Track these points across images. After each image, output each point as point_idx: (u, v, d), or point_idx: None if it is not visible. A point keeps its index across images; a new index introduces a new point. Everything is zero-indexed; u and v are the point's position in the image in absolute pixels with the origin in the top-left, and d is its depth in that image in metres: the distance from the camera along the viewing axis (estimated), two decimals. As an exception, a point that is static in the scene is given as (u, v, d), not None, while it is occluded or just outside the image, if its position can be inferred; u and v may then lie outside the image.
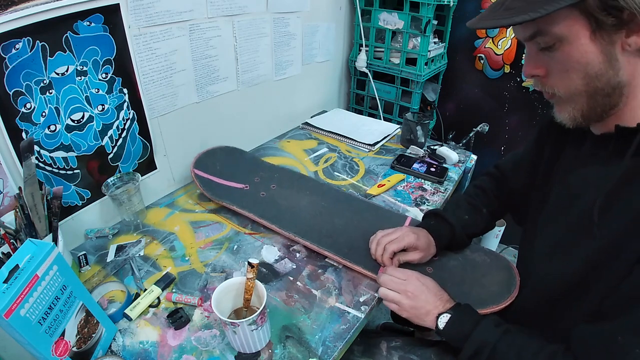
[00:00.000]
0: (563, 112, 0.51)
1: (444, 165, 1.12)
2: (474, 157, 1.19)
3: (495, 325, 0.58)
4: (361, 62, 1.45)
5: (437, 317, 0.62)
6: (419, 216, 0.91)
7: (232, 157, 1.01)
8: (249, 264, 0.57)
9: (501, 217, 0.84)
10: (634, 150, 0.47)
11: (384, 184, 1.01)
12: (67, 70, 0.69)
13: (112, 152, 0.82)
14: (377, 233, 0.76)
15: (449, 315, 0.61)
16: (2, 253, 0.60)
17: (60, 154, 0.73)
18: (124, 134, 0.83)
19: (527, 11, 0.43)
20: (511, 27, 0.49)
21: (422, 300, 0.64)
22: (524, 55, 0.58)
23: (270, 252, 0.80)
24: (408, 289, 0.65)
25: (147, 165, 0.91)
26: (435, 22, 1.39)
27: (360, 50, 1.45)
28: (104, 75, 0.75)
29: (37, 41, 0.63)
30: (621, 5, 0.41)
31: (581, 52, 0.44)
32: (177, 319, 0.64)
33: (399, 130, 1.31)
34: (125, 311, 0.64)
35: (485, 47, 1.52)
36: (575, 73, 0.46)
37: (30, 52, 0.63)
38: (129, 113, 0.82)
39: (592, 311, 0.51)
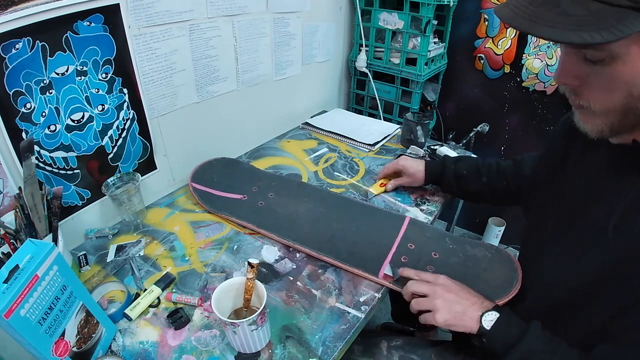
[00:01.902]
0: (589, 124, 0.49)
1: (444, 165, 1.12)
2: (474, 157, 1.19)
3: (540, 332, 0.56)
4: (361, 62, 1.45)
5: (481, 317, 0.58)
6: (419, 216, 0.91)
7: (229, 169, 1.02)
8: (249, 264, 0.57)
9: (506, 201, 0.88)
10: None
11: (386, 184, 1.01)
12: (67, 70, 0.69)
13: (112, 152, 0.82)
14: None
15: (496, 315, 0.58)
16: (2, 253, 0.60)
17: (60, 154, 0.73)
18: (124, 134, 0.83)
19: (598, 29, 0.37)
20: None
21: (457, 299, 0.61)
22: (558, 59, 0.51)
23: (270, 252, 0.80)
24: (438, 292, 0.62)
25: (147, 165, 0.91)
26: (435, 22, 1.39)
27: (360, 50, 1.45)
28: (104, 75, 0.75)
29: (37, 41, 0.63)
30: None
31: (633, 73, 0.41)
32: (177, 319, 0.64)
33: (399, 130, 1.31)
34: (125, 311, 0.64)
35: (485, 47, 1.52)
36: (618, 92, 0.43)
37: (30, 52, 0.63)
38: (129, 113, 0.82)
39: (601, 325, 0.51)
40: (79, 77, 0.71)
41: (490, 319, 0.57)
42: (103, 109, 0.77)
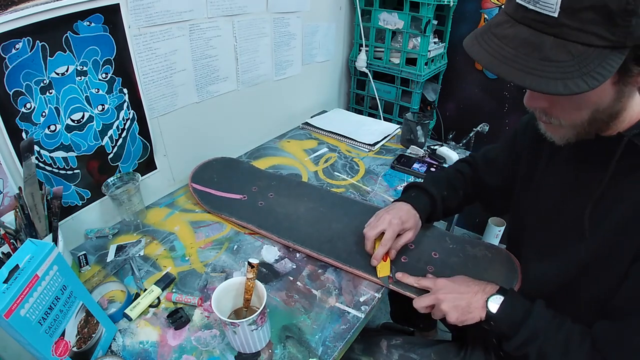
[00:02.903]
0: (557, 134, 0.51)
1: (444, 165, 1.12)
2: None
3: (545, 310, 0.57)
4: (361, 62, 1.45)
5: (486, 302, 0.59)
6: (419, 216, 0.90)
7: (229, 169, 1.02)
8: (249, 264, 0.57)
9: (471, 204, 0.86)
10: (618, 156, 0.48)
11: (387, 257, 0.98)
12: (67, 70, 0.69)
13: (112, 152, 0.82)
14: (365, 230, 0.75)
15: (501, 298, 0.58)
16: (2, 253, 0.60)
17: (60, 154, 0.73)
18: (124, 134, 0.83)
19: (581, 75, 0.38)
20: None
21: (459, 296, 0.61)
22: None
23: (270, 252, 0.80)
24: (440, 297, 0.62)
25: (147, 165, 0.91)
26: (435, 22, 1.39)
27: (360, 50, 1.45)
28: (104, 75, 0.75)
29: (37, 41, 0.63)
30: None
31: (600, 95, 0.44)
32: (177, 319, 0.64)
33: (399, 130, 1.31)
34: (125, 311, 0.64)
35: (485, 47, 1.52)
36: (587, 109, 0.46)
37: (30, 52, 0.63)
38: (129, 113, 0.82)
39: (584, 316, 0.53)
40: (79, 77, 0.71)
41: (495, 303, 0.58)
42: (103, 109, 0.77)
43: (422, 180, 0.87)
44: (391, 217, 0.73)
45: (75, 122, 0.73)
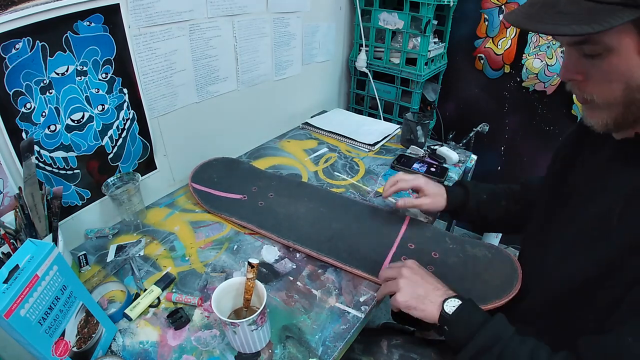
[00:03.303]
0: (595, 118, 0.51)
1: (444, 165, 1.12)
2: (474, 157, 1.19)
3: (507, 322, 0.56)
4: (361, 62, 1.45)
5: (444, 302, 0.58)
6: (419, 216, 0.91)
7: (229, 169, 1.02)
8: (249, 264, 0.57)
9: (517, 227, 0.81)
10: None
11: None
12: (67, 70, 0.69)
13: (112, 152, 0.82)
14: (395, 175, 0.84)
15: (459, 302, 0.57)
16: (2, 253, 0.60)
17: (60, 154, 0.73)
18: (124, 134, 0.83)
19: (589, 22, 0.40)
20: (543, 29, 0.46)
21: (421, 282, 0.61)
22: (561, 57, 0.55)
23: (270, 252, 0.80)
24: (403, 272, 0.63)
25: (147, 165, 0.91)
26: (435, 22, 1.39)
27: (360, 50, 1.45)
28: (104, 75, 0.75)
29: (37, 41, 0.63)
30: None
31: (628, 64, 0.44)
32: (177, 319, 0.64)
33: (399, 130, 1.31)
34: (125, 311, 0.64)
35: (485, 47, 1.52)
36: (617, 84, 0.46)
37: (30, 52, 0.63)
38: (129, 113, 0.82)
39: (597, 322, 0.51)
40: (79, 77, 0.71)
41: (452, 305, 0.57)
42: (103, 109, 0.77)
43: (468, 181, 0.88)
44: (423, 176, 0.83)
45: (75, 122, 0.73)
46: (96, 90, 0.75)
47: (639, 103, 0.46)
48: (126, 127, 0.83)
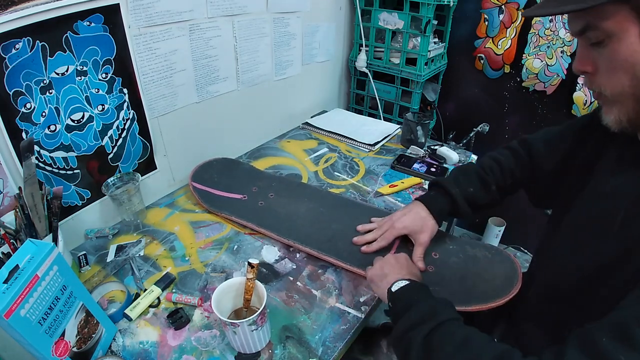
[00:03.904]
0: (609, 114, 0.50)
1: (444, 165, 1.12)
2: (474, 157, 1.19)
3: (450, 306, 0.54)
4: (361, 62, 1.44)
5: (395, 282, 0.58)
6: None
7: (230, 169, 1.02)
8: (249, 264, 0.57)
9: (512, 194, 0.80)
10: None
11: (397, 185, 1.00)
12: (67, 70, 0.69)
13: (112, 152, 0.82)
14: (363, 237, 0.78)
15: (407, 282, 0.58)
16: (2, 253, 0.60)
17: (60, 154, 0.73)
18: (124, 134, 0.83)
19: (578, 2, 0.43)
20: (567, 21, 0.49)
21: (391, 265, 0.63)
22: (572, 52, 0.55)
23: (270, 252, 0.80)
24: (386, 255, 0.66)
25: (147, 165, 0.91)
26: (435, 22, 1.39)
27: (360, 50, 1.45)
28: (104, 75, 0.75)
29: (37, 41, 0.63)
30: None
31: (630, 50, 0.43)
32: (177, 319, 0.64)
33: (399, 130, 1.31)
34: (125, 311, 0.64)
35: (485, 47, 1.52)
36: (622, 72, 0.45)
37: (30, 52, 0.63)
38: (129, 113, 0.82)
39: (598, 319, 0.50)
40: (79, 77, 0.71)
41: (400, 285, 0.58)
42: (103, 109, 0.77)
43: (449, 176, 0.81)
44: (397, 220, 0.76)
45: (75, 122, 0.73)
46: (96, 90, 0.75)
47: None
48: (126, 127, 0.83)
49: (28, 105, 0.65)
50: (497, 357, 0.44)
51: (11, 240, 0.61)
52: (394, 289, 0.57)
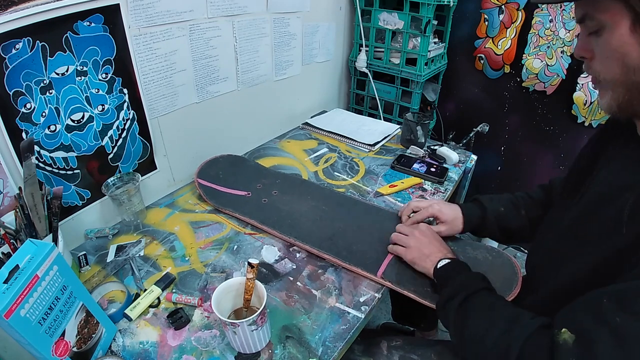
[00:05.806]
0: (603, 98, 0.53)
1: (444, 165, 1.12)
2: (474, 157, 1.19)
3: (482, 279, 0.63)
4: (361, 62, 1.45)
5: (438, 261, 0.67)
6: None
7: (235, 166, 1.03)
8: (249, 264, 0.57)
9: None
10: None
11: (397, 185, 1.00)
12: (67, 71, 0.69)
13: (112, 152, 0.82)
14: (410, 203, 0.86)
15: (449, 260, 0.67)
16: (2, 253, 0.60)
17: (60, 154, 0.73)
18: (124, 134, 0.83)
19: None
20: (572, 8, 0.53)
21: (428, 243, 0.72)
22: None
23: (270, 252, 0.80)
24: (415, 233, 0.74)
25: (147, 165, 0.91)
26: (435, 22, 1.39)
27: (360, 50, 1.45)
28: (104, 76, 0.75)
29: (37, 41, 0.63)
30: None
31: (620, 42, 0.46)
32: (177, 319, 0.64)
33: (399, 130, 1.31)
34: (125, 311, 0.64)
35: (485, 47, 1.52)
36: (614, 61, 0.48)
37: (30, 52, 0.63)
38: (129, 113, 0.82)
39: None
40: (79, 77, 0.71)
41: (443, 263, 0.67)
42: (103, 109, 0.77)
43: (485, 196, 0.86)
44: (437, 202, 0.83)
45: (75, 122, 0.73)
46: (96, 90, 0.75)
47: (638, 86, 0.47)
48: (126, 127, 0.83)
49: (28, 106, 0.65)
50: (511, 317, 0.53)
51: (11, 241, 0.61)
52: (438, 266, 0.67)
